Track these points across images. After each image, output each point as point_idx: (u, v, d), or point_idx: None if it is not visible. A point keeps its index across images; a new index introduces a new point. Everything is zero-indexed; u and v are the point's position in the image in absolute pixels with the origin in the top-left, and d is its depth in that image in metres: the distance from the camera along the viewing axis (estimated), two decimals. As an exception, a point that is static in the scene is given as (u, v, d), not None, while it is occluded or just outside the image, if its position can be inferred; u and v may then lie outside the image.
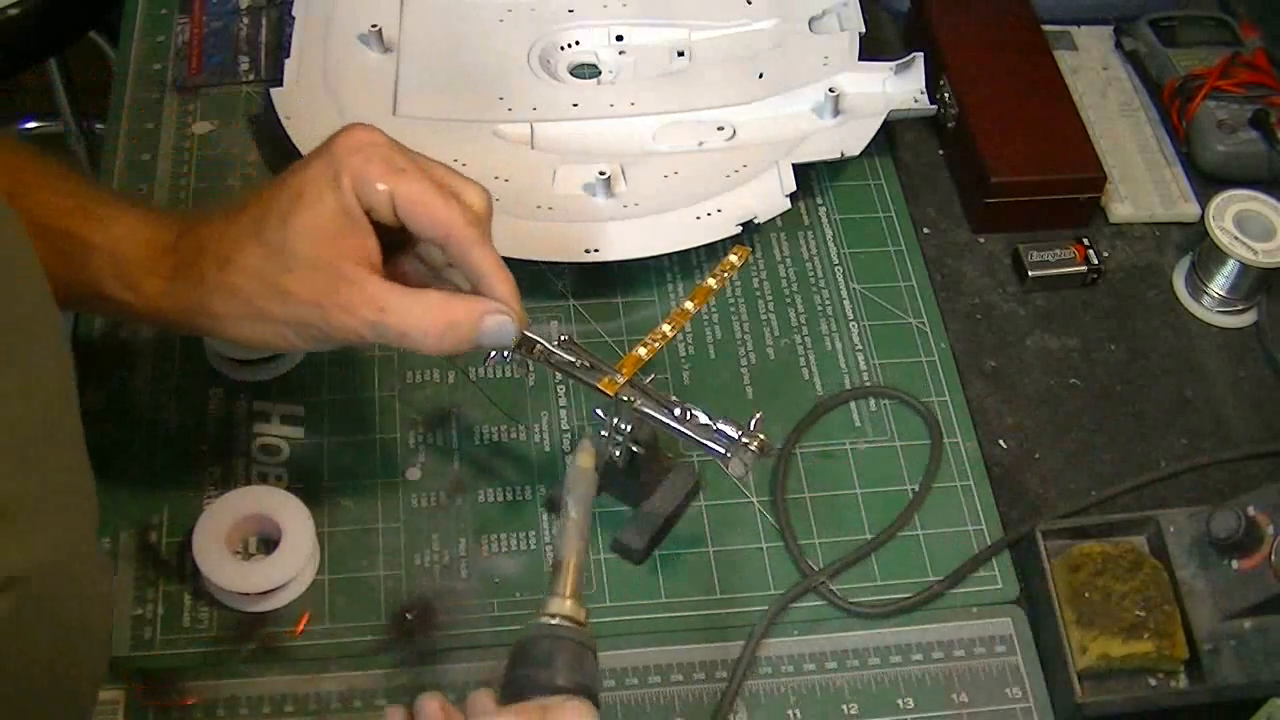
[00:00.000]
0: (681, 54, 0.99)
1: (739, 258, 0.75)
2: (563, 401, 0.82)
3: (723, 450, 0.68)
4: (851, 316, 0.88)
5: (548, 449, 0.81)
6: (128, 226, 0.65)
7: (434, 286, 0.68)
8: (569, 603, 0.59)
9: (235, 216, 0.64)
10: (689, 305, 0.73)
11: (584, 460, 0.64)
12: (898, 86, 0.94)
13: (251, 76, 0.99)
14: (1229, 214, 0.88)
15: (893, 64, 0.94)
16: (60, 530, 0.50)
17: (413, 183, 0.63)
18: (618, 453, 0.73)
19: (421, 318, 0.62)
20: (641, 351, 0.70)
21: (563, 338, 0.71)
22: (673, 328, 0.71)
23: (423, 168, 0.64)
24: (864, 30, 0.97)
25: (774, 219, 0.88)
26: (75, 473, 0.51)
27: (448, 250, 0.65)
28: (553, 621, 0.59)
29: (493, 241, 0.66)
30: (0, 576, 0.45)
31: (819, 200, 0.94)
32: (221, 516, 0.74)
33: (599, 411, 0.71)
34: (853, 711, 0.72)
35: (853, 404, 0.83)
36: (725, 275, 0.74)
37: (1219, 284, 0.89)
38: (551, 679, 0.57)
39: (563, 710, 0.54)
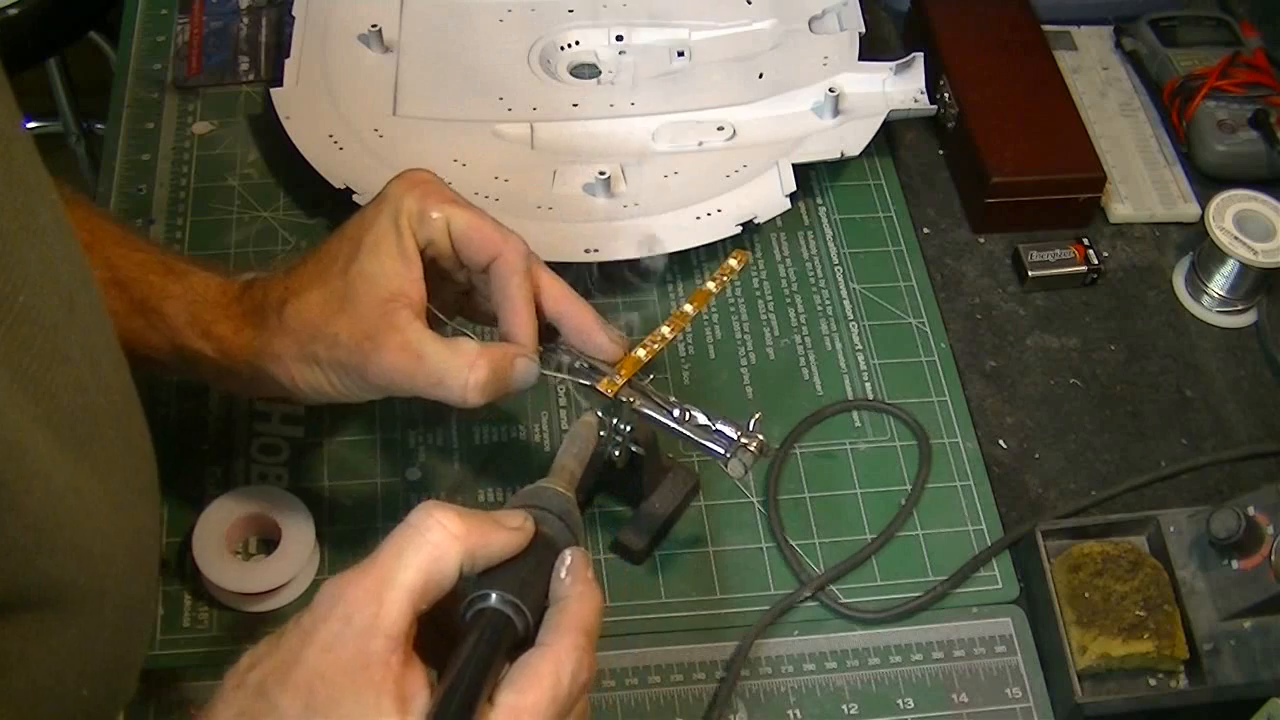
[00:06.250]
0: (681, 54, 0.99)
1: (739, 262, 0.75)
2: (562, 402, 0.82)
3: (722, 451, 0.68)
4: (851, 316, 0.88)
5: (548, 449, 0.81)
6: (201, 278, 0.68)
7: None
8: (553, 478, 0.60)
9: (298, 267, 0.67)
10: (688, 308, 0.72)
11: (588, 417, 0.66)
12: (898, 86, 0.94)
13: (251, 76, 0.99)
14: (1229, 214, 0.88)
15: (893, 64, 0.94)
16: (126, 524, 0.51)
17: (466, 209, 0.66)
18: (617, 453, 0.73)
19: (460, 366, 0.63)
20: (640, 353, 0.70)
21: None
22: (672, 330, 0.71)
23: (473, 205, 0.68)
24: (864, 30, 0.97)
25: (774, 219, 0.88)
26: (143, 466, 0.55)
27: (494, 273, 0.66)
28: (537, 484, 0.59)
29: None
30: (43, 587, 0.46)
31: (819, 200, 0.94)
32: (221, 516, 0.74)
33: (598, 412, 0.71)
34: (853, 711, 0.72)
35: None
36: (725, 279, 0.74)
37: (1219, 284, 0.89)
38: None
39: (506, 513, 0.55)
